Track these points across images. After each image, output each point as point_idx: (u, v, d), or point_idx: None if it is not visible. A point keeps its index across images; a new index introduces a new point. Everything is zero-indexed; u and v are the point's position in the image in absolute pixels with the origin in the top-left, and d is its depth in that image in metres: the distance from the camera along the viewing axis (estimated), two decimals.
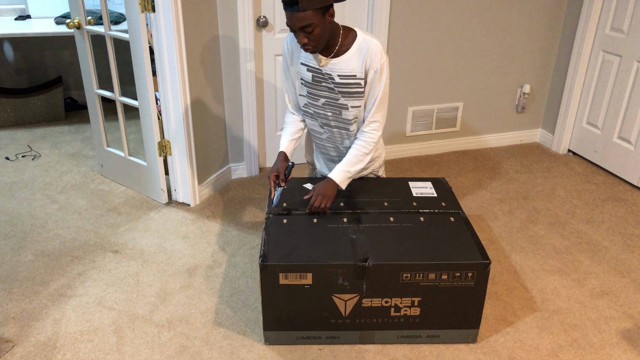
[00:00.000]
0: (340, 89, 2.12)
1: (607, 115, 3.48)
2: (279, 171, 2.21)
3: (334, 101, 2.16)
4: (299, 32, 1.95)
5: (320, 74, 2.12)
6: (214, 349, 2.10)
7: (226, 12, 2.99)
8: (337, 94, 2.14)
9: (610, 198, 3.25)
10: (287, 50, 2.18)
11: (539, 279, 2.52)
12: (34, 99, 4.09)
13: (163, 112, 2.90)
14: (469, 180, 3.45)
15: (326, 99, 2.17)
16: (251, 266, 2.59)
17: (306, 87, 2.18)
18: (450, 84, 3.63)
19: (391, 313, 2.05)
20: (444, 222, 2.18)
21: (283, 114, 3.41)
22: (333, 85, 2.13)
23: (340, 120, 2.21)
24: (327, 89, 2.14)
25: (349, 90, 2.12)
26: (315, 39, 1.96)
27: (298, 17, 1.90)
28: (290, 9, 1.90)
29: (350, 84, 2.11)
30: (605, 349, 2.14)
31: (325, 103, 2.18)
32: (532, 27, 3.60)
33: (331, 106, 2.18)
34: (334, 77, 2.11)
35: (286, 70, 2.24)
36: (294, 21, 1.92)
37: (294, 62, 2.18)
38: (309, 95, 2.20)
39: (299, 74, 2.18)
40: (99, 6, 4.15)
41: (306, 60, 2.14)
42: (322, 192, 2.19)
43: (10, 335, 2.15)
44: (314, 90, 2.17)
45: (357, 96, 2.13)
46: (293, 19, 1.91)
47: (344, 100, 2.14)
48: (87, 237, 2.78)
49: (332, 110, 2.19)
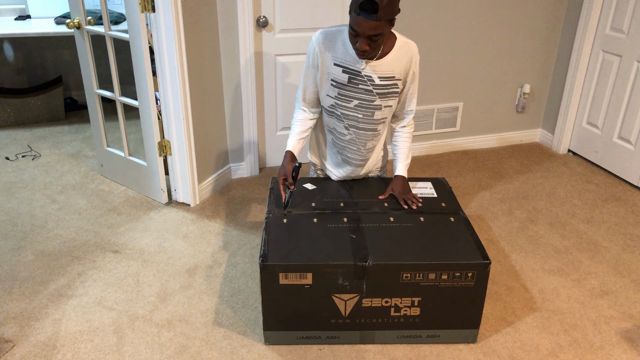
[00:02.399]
0: (378, 90, 2.13)
1: (607, 115, 3.48)
2: (286, 174, 2.18)
3: (369, 103, 2.16)
4: (364, 39, 1.92)
5: (359, 76, 2.10)
6: (214, 349, 2.10)
7: (226, 12, 2.99)
8: (374, 96, 2.14)
9: (610, 198, 3.25)
10: (317, 50, 2.11)
11: (539, 279, 2.52)
12: (34, 99, 4.09)
13: (163, 112, 2.90)
14: (469, 180, 3.45)
15: (360, 100, 2.15)
16: (251, 266, 2.59)
17: (337, 89, 2.14)
18: (450, 84, 3.63)
19: (391, 313, 2.05)
20: (444, 222, 2.18)
21: (283, 114, 3.41)
22: (372, 87, 2.12)
23: (370, 121, 2.21)
24: (364, 91, 2.13)
25: (387, 91, 2.14)
26: (377, 47, 1.96)
27: (372, 25, 1.86)
28: (368, 15, 1.85)
29: (388, 85, 2.13)
30: (605, 349, 2.14)
31: (358, 105, 2.16)
32: (532, 27, 3.60)
33: (364, 108, 2.17)
34: (374, 78, 2.11)
35: (309, 69, 2.18)
36: (366, 28, 1.87)
37: (324, 62, 2.12)
38: (339, 96, 2.16)
39: (329, 75, 2.13)
40: (99, 6, 4.15)
41: (342, 62, 2.10)
42: (403, 192, 2.28)
43: (10, 335, 2.15)
44: (347, 92, 2.14)
45: (393, 96, 2.17)
46: (365, 25, 1.87)
47: (379, 101, 2.16)
48: (87, 237, 2.79)
49: (363, 112, 2.18)
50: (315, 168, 2.55)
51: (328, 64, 2.11)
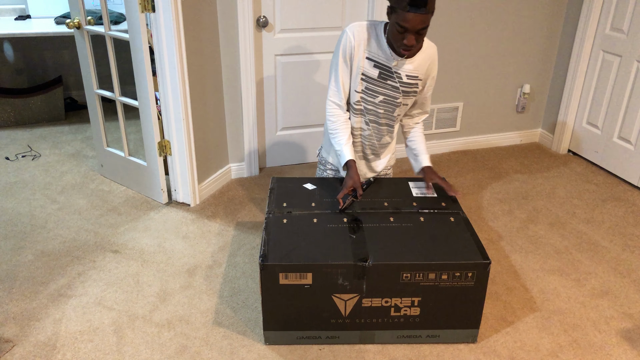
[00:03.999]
0: (403, 87, 2.18)
1: (607, 115, 3.48)
2: (355, 185, 2.20)
3: (393, 99, 2.21)
4: (412, 35, 1.94)
5: (389, 72, 2.14)
6: (214, 349, 2.10)
7: (226, 12, 2.99)
8: (399, 93, 2.19)
9: (610, 198, 3.25)
10: (353, 43, 2.11)
11: (539, 279, 2.52)
12: (34, 99, 4.09)
13: (163, 112, 2.90)
14: (469, 180, 3.45)
15: (385, 96, 2.20)
16: (251, 266, 2.59)
17: (366, 83, 2.17)
18: (450, 84, 3.63)
19: (391, 313, 2.05)
20: (444, 222, 2.18)
21: (283, 113, 3.41)
22: (399, 84, 2.17)
23: (390, 117, 2.27)
24: (392, 88, 2.18)
25: (409, 89, 2.20)
26: (421, 42, 2.01)
27: (422, 19, 1.90)
28: (418, 10, 1.88)
29: (412, 84, 2.19)
30: (605, 349, 2.14)
31: (382, 100, 2.21)
32: (532, 27, 3.60)
33: (387, 104, 2.22)
34: (402, 76, 2.15)
35: (344, 62, 2.16)
36: (416, 22, 1.90)
37: (358, 55, 2.13)
38: (366, 91, 2.20)
39: (360, 69, 2.15)
40: (99, 6, 4.15)
41: (374, 56, 2.12)
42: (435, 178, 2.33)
43: (10, 335, 2.15)
44: (375, 87, 2.18)
45: (412, 95, 2.23)
46: (416, 20, 1.90)
47: (402, 99, 2.21)
48: (87, 237, 2.79)
49: (385, 108, 2.23)
50: (326, 167, 2.53)
51: (361, 57, 2.14)
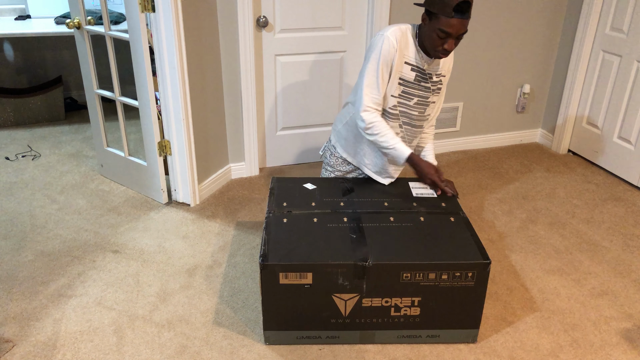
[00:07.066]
0: (434, 87, 2.27)
1: (607, 115, 3.48)
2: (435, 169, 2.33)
3: (425, 99, 2.29)
4: (452, 39, 2.05)
5: (423, 74, 2.23)
6: (214, 349, 2.10)
7: (226, 12, 2.99)
8: (430, 92, 2.27)
9: (610, 198, 3.25)
10: (395, 49, 2.15)
11: (539, 279, 2.52)
12: (34, 99, 4.09)
13: (163, 112, 2.90)
14: (469, 180, 3.45)
15: (419, 97, 2.27)
16: (251, 266, 2.59)
17: (403, 87, 2.24)
18: (450, 84, 3.63)
19: (391, 313, 2.05)
20: (444, 222, 2.18)
21: (283, 114, 3.41)
22: (430, 84, 2.25)
23: (421, 117, 2.34)
24: (424, 88, 2.26)
25: (437, 87, 2.29)
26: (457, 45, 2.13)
27: (464, 24, 2.01)
28: (462, 16, 1.99)
29: (439, 81, 2.28)
30: (605, 349, 2.14)
31: (417, 102, 2.28)
32: (532, 27, 3.60)
33: (420, 105, 2.29)
34: (432, 76, 2.25)
35: (385, 68, 2.18)
36: (459, 27, 2.01)
37: (399, 60, 2.18)
38: (402, 95, 2.26)
39: (398, 74, 2.21)
40: (99, 6, 4.15)
41: (412, 60, 2.20)
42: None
43: (10, 335, 2.15)
44: (411, 90, 2.25)
45: (438, 92, 2.32)
46: (459, 25, 2.01)
47: (432, 97, 2.30)
48: (87, 237, 2.79)
49: (418, 109, 2.30)
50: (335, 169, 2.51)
51: (400, 62, 2.19)
